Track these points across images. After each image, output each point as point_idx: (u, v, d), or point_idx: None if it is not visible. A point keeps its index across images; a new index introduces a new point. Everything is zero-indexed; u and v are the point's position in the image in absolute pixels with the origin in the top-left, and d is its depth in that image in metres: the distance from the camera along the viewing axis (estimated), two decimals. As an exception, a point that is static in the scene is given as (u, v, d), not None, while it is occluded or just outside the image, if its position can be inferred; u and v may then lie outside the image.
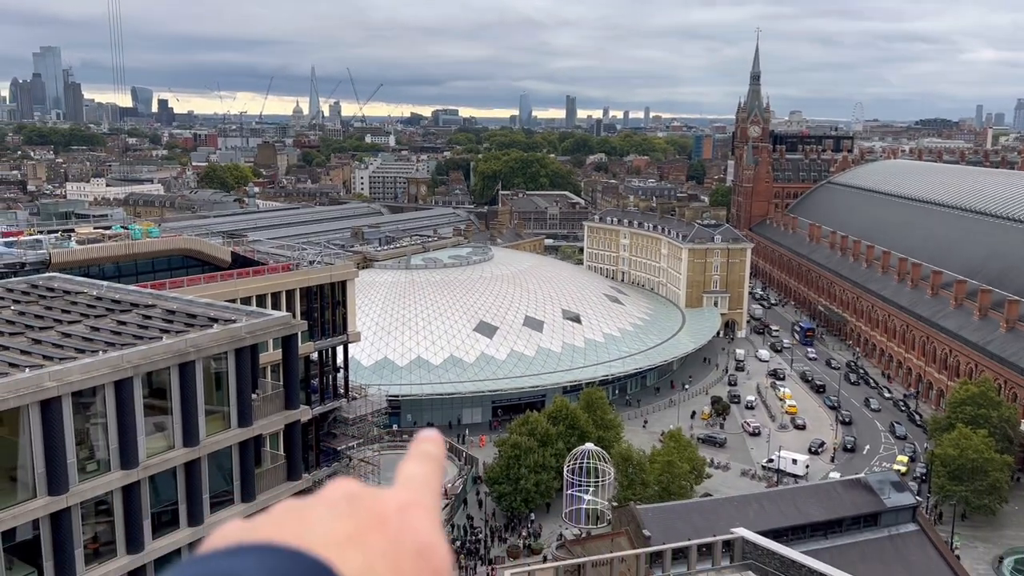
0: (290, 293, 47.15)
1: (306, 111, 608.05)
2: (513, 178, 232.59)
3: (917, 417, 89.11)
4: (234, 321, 33.89)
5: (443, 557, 1.35)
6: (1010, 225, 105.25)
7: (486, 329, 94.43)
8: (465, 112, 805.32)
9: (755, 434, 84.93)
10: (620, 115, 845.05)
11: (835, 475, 70.28)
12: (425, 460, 1.60)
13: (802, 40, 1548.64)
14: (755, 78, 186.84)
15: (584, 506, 56.95)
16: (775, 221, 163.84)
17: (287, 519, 1.30)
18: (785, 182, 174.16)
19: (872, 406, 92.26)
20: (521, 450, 64.91)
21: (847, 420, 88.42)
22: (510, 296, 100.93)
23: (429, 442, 1.67)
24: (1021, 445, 69.86)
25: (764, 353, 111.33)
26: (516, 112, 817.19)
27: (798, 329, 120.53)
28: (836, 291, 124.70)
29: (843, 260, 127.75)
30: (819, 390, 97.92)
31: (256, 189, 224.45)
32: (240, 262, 49.89)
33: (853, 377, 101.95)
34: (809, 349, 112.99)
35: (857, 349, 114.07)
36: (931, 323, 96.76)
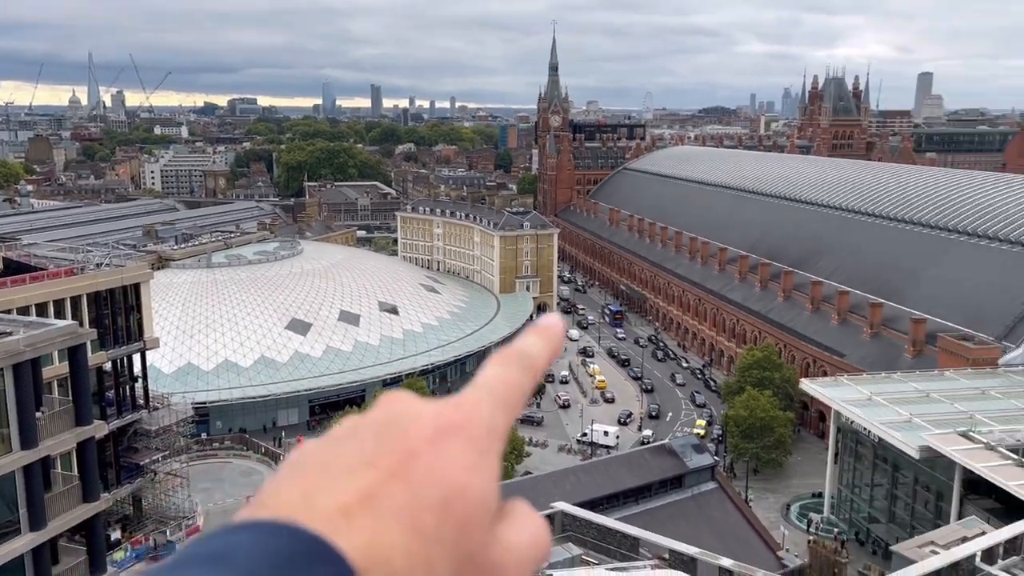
0: (75, 300, 43.09)
1: (84, 101, 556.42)
2: (320, 169, 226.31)
3: (712, 383, 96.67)
4: (9, 334, 30.57)
5: (475, 504, 1.10)
6: (782, 203, 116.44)
7: (299, 326, 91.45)
8: (264, 101, 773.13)
9: (565, 407, 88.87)
10: (426, 104, 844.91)
11: (647, 432, 75.03)
12: (511, 360, 1.24)
13: (595, 32, 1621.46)
14: (553, 69, 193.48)
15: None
16: (578, 207, 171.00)
17: (300, 477, 1.10)
18: (586, 169, 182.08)
19: (677, 381, 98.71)
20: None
21: (649, 388, 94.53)
22: (323, 291, 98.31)
23: (535, 334, 1.31)
24: (800, 402, 77.71)
25: (574, 333, 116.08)
26: (319, 101, 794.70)
27: (608, 312, 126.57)
28: (636, 271, 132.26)
29: (641, 241, 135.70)
30: (624, 364, 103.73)
31: (30, 187, 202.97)
32: (13, 268, 44.95)
33: (660, 355, 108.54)
34: (618, 330, 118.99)
35: (657, 324, 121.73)
36: (720, 296, 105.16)
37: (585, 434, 79.02)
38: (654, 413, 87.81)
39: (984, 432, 46.90)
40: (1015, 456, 42.61)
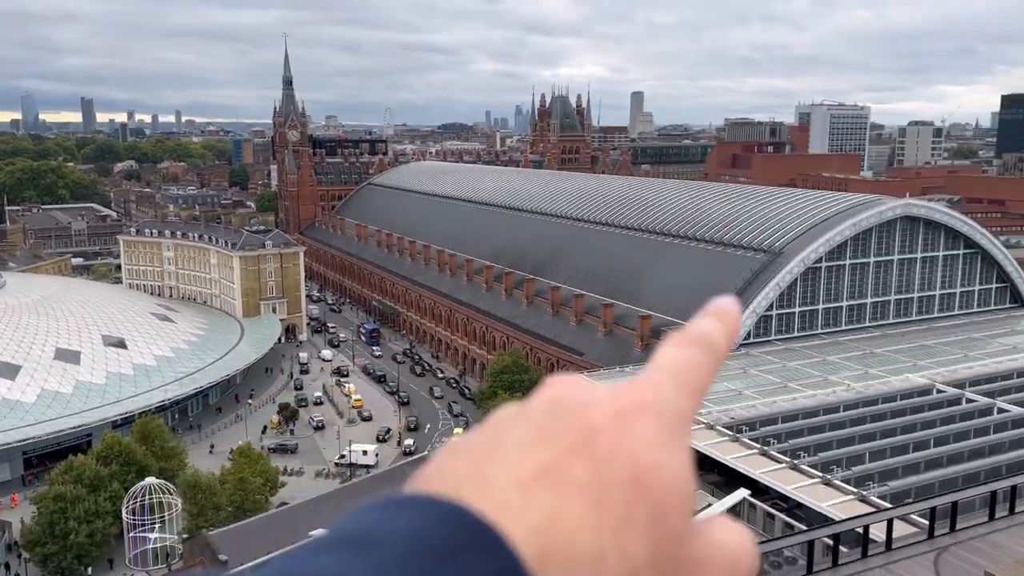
0: None
1: None
2: (23, 191, 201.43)
3: (467, 392, 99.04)
4: None
5: (672, 484, 0.95)
6: (522, 215, 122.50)
7: (6, 370, 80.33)
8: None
9: (320, 428, 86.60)
10: (148, 119, 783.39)
11: (409, 442, 74.83)
12: (690, 343, 1.12)
13: (328, 46, 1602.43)
14: (288, 82, 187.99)
15: (151, 546, 52.04)
16: (324, 223, 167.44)
17: (468, 453, 0.98)
18: (329, 185, 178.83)
19: (436, 393, 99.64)
20: (67, 501, 56.67)
21: (405, 400, 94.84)
22: (34, 328, 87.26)
23: (712, 316, 1.18)
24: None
25: (327, 353, 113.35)
26: (19, 115, 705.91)
27: (363, 331, 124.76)
28: (388, 286, 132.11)
29: (391, 256, 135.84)
30: (381, 380, 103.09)
31: None
32: None
33: (418, 369, 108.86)
34: (375, 348, 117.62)
35: (412, 338, 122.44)
36: (469, 305, 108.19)
37: (343, 456, 77.28)
38: (412, 426, 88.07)
39: (703, 413, 52.51)
40: (730, 433, 48.09)
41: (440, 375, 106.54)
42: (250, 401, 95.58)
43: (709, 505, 37.10)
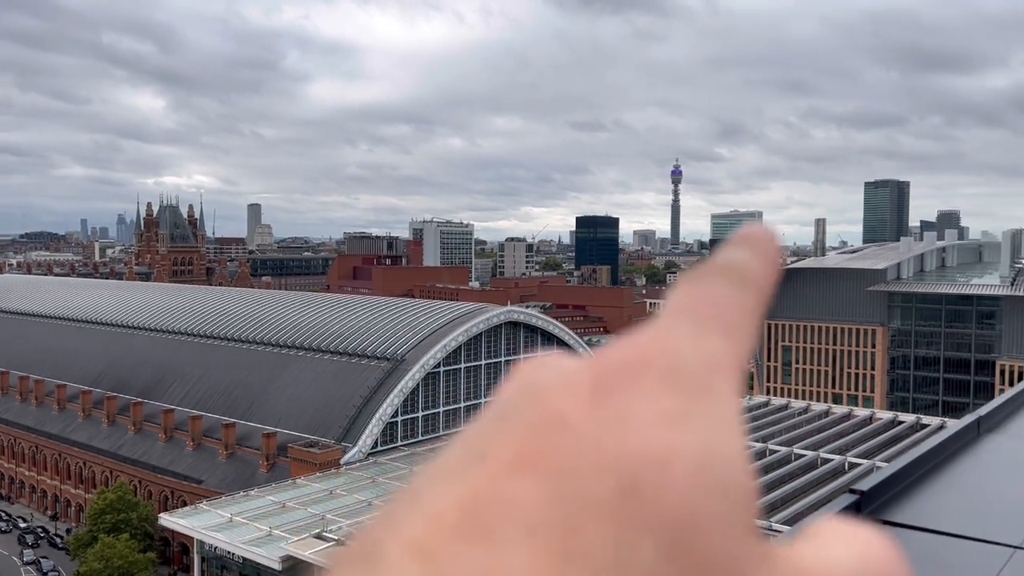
0: None
1: None
2: None
3: (60, 540, 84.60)
4: None
5: (698, 479, 0.48)
6: (128, 332, 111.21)
7: None
8: None
9: None
10: None
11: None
12: (717, 273, 0.64)
13: None
14: None
15: None
16: None
17: (405, 496, 0.58)
18: None
19: (26, 558, 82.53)
20: None
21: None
22: None
23: (741, 243, 0.67)
24: (161, 539, 73.38)
25: None
26: None
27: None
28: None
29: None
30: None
31: None
32: None
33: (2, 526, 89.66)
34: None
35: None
36: (61, 439, 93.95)
37: None
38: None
39: (335, 529, 51.30)
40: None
41: (24, 523, 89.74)
42: None
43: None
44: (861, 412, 74.09)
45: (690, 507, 0.46)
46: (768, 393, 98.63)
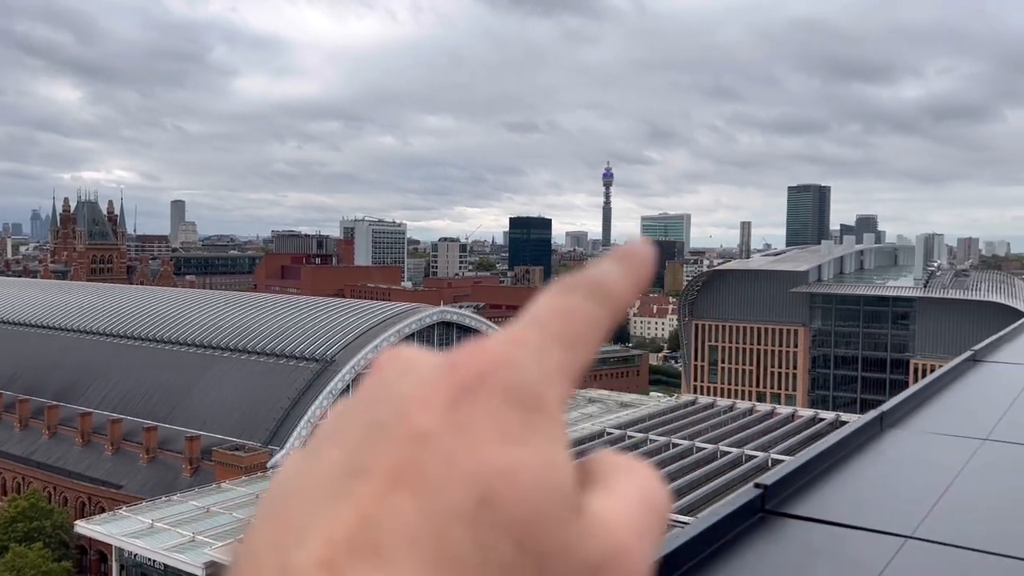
0: None
1: None
2: None
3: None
4: None
5: (536, 489, 0.56)
6: (42, 332, 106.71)
7: None
8: None
9: None
10: None
11: None
12: (576, 287, 0.67)
13: None
14: None
15: None
16: None
17: (276, 517, 0.56)
18: None
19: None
20: None
21: None
22: None
23: (614, 259, 0.71)
24: (78, 547, 70.70)
25: None
26: None
27: None
28: None
29: None
30: None
31: None
32: None
33: None
34: None
35: None
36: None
37: None
38: None
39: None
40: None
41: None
42: None
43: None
44: (783, 410, 76.24)
45: (535, 509, 0.56)
46: (695, 392, 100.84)
